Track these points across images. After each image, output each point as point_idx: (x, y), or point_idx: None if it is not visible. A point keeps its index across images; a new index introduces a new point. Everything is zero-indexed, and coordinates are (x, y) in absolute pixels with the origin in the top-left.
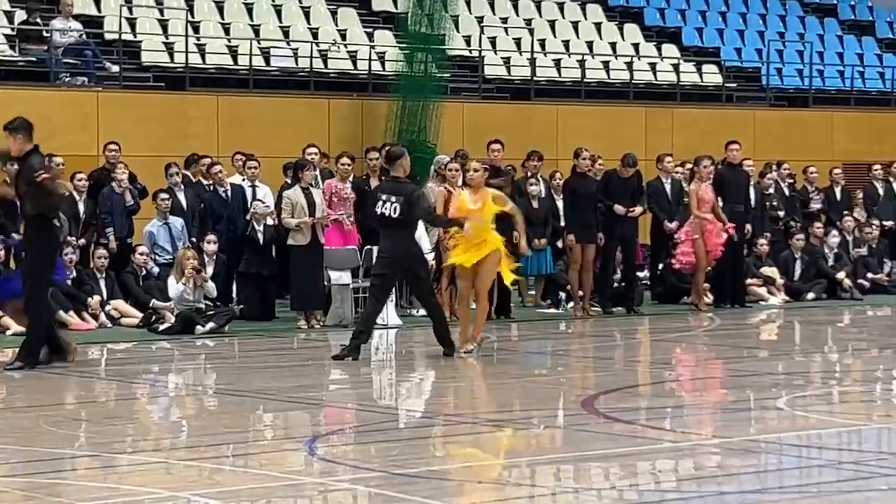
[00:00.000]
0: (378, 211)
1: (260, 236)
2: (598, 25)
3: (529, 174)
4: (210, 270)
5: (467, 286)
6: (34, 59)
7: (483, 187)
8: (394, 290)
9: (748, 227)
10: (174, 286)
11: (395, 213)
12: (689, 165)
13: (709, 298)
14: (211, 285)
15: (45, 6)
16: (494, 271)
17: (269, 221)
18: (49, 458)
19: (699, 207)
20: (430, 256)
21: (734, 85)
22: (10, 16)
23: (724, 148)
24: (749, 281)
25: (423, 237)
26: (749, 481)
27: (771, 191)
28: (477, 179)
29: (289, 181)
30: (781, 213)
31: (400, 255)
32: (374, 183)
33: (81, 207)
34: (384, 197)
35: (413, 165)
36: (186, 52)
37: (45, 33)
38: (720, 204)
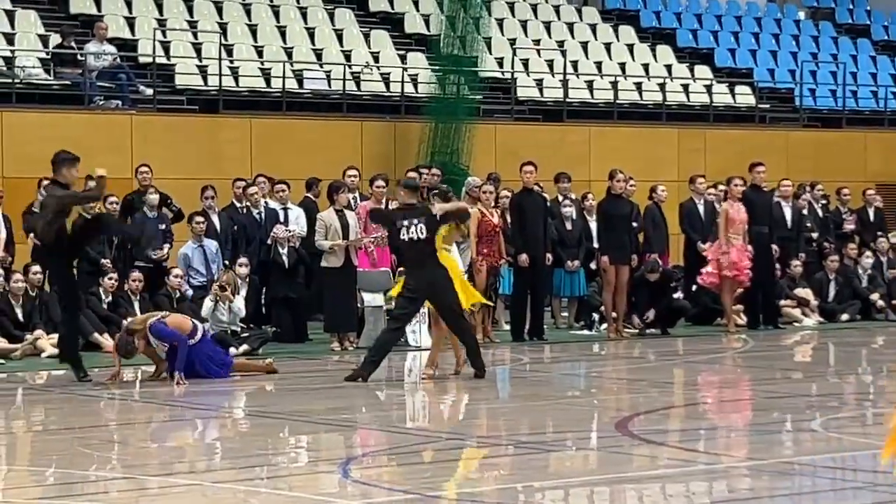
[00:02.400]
0: (406, 238)
1: (285, 259)
2: (630, 47)
3: (562, 196)
4: (243, 293)
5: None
6: (69, 82)
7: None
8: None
9: (775, 248)
10: (207, 304)
11: (422, 233)
12: (721, 187)
13: (741, 320)
14: (237, 305)
15: (80, 30)
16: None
17: (295, 244)
18: (83, 480)
19: (728, 228)
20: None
21: (767, 106)
22: (44, 40)
23: (749, 170)
24: (783, 302)
25: (457, 258)
26: None
27: (804, 212)
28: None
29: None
30: (815, 235)
31: (427, 280)
32: None
33: None
34: (406, 223)
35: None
36: (220, 75)
37: (79, 57)
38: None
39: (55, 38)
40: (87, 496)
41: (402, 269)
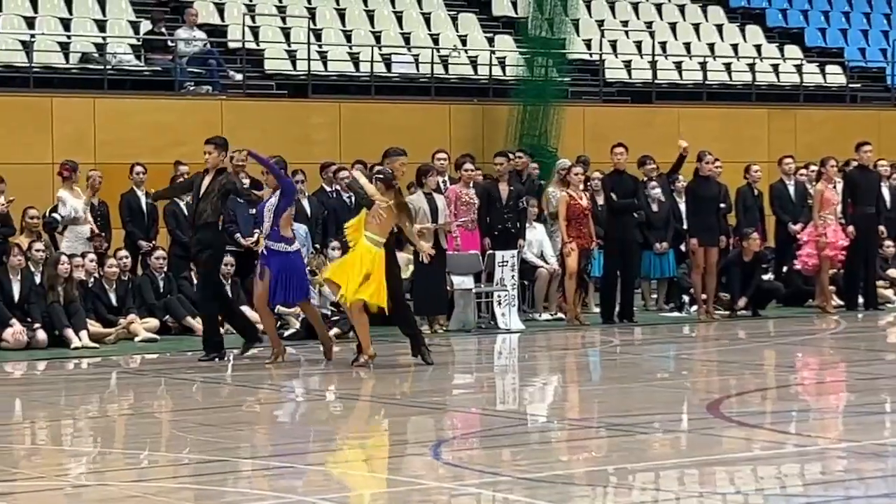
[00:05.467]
0: None
1: None
2: (719, 27)
3: (647, 178)
4: None
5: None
6: (159, 68)
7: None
8: (517, 294)
9: (882, 229)
10: None
11: None
12: (813, 167)
13: (836, 301)
14: (327, 289)
15: (170, 16)
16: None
17: None
18: (176, 463)
19: (823, 209)
20: (553, 261)
21: (858, 85)
22: (135, 26)
23: (856, 149)
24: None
25: (546, 241)
26: (876, 486)
27: None
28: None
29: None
30: None
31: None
32: (502, 187)
33: None
34: None
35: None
36: (309, 59)
37: (169, 43)
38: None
39: (146, 25)
40: (180, 479)
41: (490, 251)
